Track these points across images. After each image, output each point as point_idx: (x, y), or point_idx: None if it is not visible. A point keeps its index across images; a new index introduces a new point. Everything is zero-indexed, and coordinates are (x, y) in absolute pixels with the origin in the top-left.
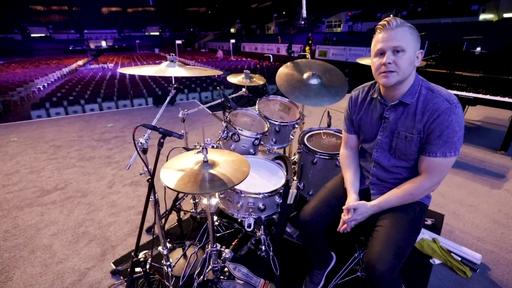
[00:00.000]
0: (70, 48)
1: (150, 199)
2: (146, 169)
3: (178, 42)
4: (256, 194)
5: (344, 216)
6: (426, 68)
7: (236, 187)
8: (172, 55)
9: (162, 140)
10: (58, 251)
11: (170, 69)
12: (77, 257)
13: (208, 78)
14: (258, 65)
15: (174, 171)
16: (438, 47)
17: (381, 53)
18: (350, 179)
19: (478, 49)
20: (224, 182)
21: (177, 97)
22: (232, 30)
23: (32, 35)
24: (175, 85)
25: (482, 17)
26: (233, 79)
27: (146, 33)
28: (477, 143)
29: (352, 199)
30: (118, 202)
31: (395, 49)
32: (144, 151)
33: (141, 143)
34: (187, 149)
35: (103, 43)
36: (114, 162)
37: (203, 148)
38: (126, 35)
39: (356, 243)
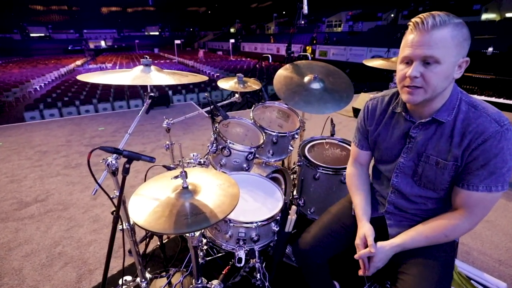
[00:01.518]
0: (69, 48)
1: (121, 228)
2: (113, 197)
3: (177, 42)
4: (248, 223)
5: (361, 270)
6: None
7: None
8: (147, 58)
9: (127, 166)
10: (28, 277)
11: (146, 75)
12: (48, 284)
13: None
14: (257, 65)
15: (147, 200)
16: None
17: (407, 61)
18: (362, 204)
19: (490, 49)
20: (206, 217)
21: (174, 98)
22: (232, 30)
23: (32, 34)
24: (151, 94)
25: (484, 16)
26: (224, 84)
27: (146, 33)
28: None
29: (366, 228)
30: (101, 217)
31: (425, 60)
32: (114, 173)
33: (110, 163)
34: (168, 168)
35: (103, 43)
36: (101, 170)
37: (181, 173)
38: (126, 35)
39: None
